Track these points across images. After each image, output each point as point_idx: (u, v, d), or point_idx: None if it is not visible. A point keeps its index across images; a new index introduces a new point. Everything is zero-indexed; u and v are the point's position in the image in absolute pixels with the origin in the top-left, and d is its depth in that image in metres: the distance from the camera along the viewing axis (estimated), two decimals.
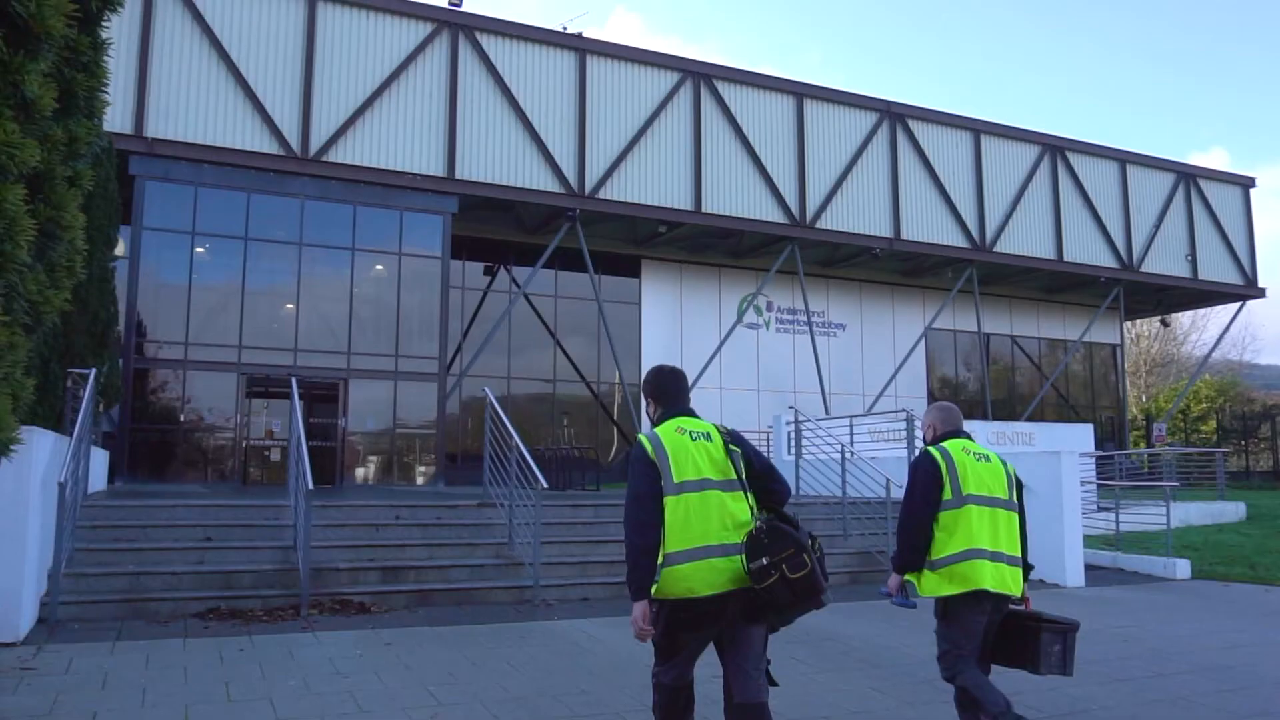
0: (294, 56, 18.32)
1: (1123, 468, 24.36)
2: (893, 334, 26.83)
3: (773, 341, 25.21)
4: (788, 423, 16.36)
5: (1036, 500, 11.67)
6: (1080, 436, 20.28)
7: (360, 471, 18.59)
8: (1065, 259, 26.27)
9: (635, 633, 3.50)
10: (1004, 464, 4.59)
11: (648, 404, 3.94)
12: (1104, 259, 27.02)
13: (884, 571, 10.76)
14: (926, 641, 4.79)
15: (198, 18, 17.63)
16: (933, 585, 4.36)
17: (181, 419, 17.29)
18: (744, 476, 3.60)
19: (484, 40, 19.93)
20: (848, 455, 12.74)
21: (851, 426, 15.33)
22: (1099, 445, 25.93)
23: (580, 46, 20.97)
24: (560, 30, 21.12)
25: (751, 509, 3.57)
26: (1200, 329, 46.73)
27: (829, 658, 6.79)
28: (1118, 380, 31.48)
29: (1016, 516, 4.49)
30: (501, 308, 21.59)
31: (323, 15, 18.60)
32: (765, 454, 4.69)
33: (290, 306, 17.87)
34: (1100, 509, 15.67)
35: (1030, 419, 26.15)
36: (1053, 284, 28.62)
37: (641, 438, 3.68)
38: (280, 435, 18.05)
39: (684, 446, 3.57)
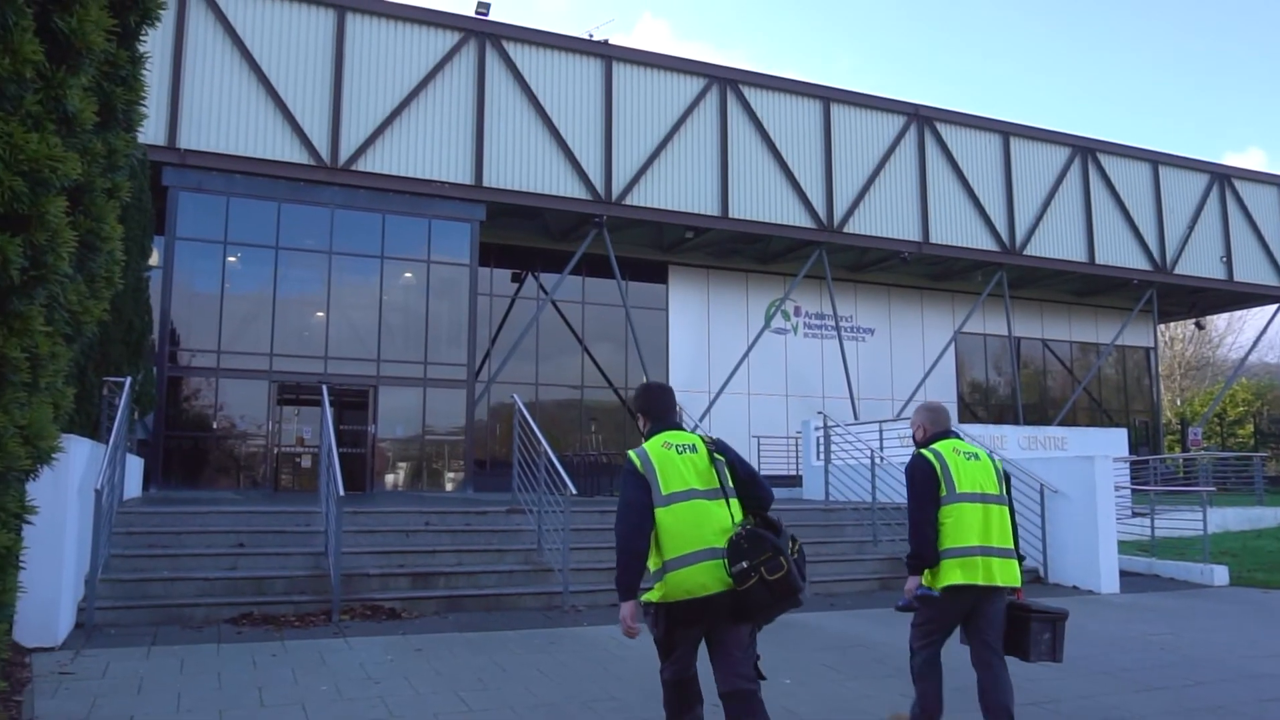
0: (324, 67, 18.52)
1: (1157, 472, 24.02)
2: (922, 338, 26.63)
3: (801, 347, 25.10)
4: (816, 428, 16.28)
5: (1070, 505, 11.56)
6: (1114, 441, 20.01)
7: (390, 478, 18.72)
8: (1097, 261, 25.97)
9: (624, 630, 3.78)
10: (992, 460, 4.81)
11: (639, 419, 4.19)
12: (1136, 261, 26.68)
13: None
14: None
15: (229, 30, 17.87)
16: (927, 577, 4.65)
17: (214, 426, 17.49)
18: (729, 484, 3.86)
19: (510, 49, 20.05)
20: (877, 461, 12.66)
21: (881, 432, 15.24)
22: (1133, 450, 25.60)
23: (606, 53, 21.04)
24: (586, 38, 21.20)
25: (732, 515, 3.80)
26: (1236, 331, 46.07)
27: (859, 664, 6.75)
28: (1151, 384, 31.04)
29: (1007, 510, 4.69)
30: (529, 314, 21.68)
31: (352, 26, 18.80)
32: (794, 460, 5.01)
33: (320, 314, 18.04)
34: (1135, 514, 15.47)
35: (1062, 423, 25.87)
36: (1084, 287, 28.29)
37: (631, 453, 3.93)
38: (311, 442, 18.21)
39: (670, 460, 3.85)
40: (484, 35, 19.81)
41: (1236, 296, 29.84)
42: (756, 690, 3.74)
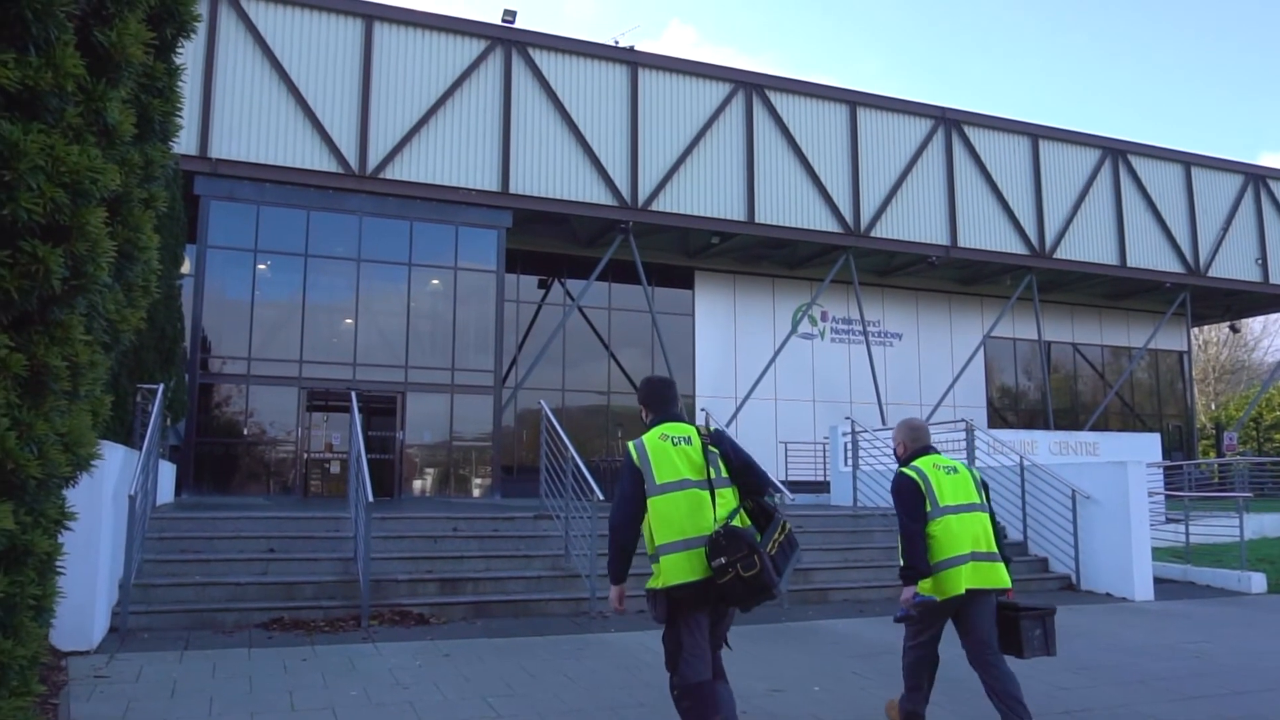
0: (352, 76, 18.70)
1: (1192, 478, 23.65)
2: (950, 343, 26.43)
3: (828, 352, 25.00)
4: (844, 434, 16.19)
5: (1102, 511, 11.41)
6: (1147, 446, 19.79)
7: (417, 484, 18.82)
8: (1128, 264, 25.66)
9: (613, 609, 4.32)
10: (970, 471, 5.10)
11: (642, 411, 4.42)
12: (1169, 264, 26.33)
13: None
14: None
15: (259, 40, 18.09)
16: (928, 586, 4.85)
17: (244, 432, 17.68)
18: (722, 474, 4.07)
19: (537, 56, 20.15)
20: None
21: None
22: (1166, 455, 25.25)
23: (632, 60, 21.09)
24: (612, 44, 21.27)
25: (722, 505, 4.01)
26: (1272, 335, 45.38)
27: (888, 672, 6.68)
28: (1185, 388, 30.61)
29: (988, 517, 4.97)
30: (556, 320, 21.74)
31: (379, 35, 18.97)
32: (822, 465, 5.29)
33: (349, 321, 18.19)
34: (1168, 520, 15.24)
35: (1094, 428, 25.58)
36: (1116, 290, 27.96)
37: (629, 444, 4.18)
38: (339, 448, 18.36)
39: (665, 451, 4.07)
40: (510, 43, 19.92)
41: (1272, 299, 29.34)
42: (718, 651, 4.16)
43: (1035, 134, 25.16)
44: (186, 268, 15.47)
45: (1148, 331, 28.26)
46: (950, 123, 24.09)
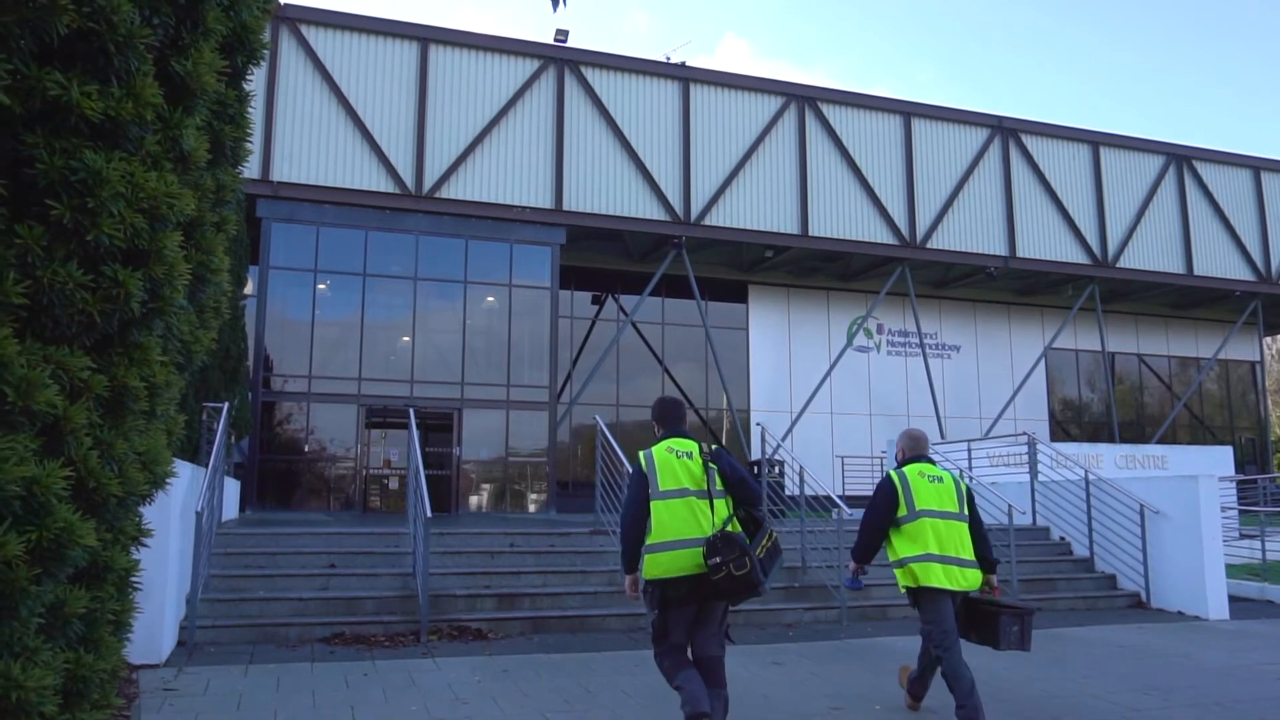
0: (408, 98, 19.05)
1: (1267, 492, 22.88)
2: (1010, 355, 25.96)
3: (884, 364, 24.71)
4: None
5: (1172, 527, 11.08)
6: (1218, 459, 19.21)
7: (474, 499, 18.97)
8: (1195, 273, 25.00)
9: (628, 595, 4.78)
10: (956, 483, 5.68)
11: (654, 426, 5.05)
12: (1239, 271, 25.59)
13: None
14: (1052, 675, 4.63)
15: (318, 65, 18.52)
16: (901, 578, 5.49)
17: (305, 449, 18.00)
18: (717, 486, 4.64)
19: (589, 74, 20.32)
20: (966, 480, 12.34)
21: (969, 451, 14.89)
22: (1239, 468, 24.48)
23: (683, 75, 21.16)
24: (663, 60, 21.37)
25: (718, 513, 4.59)
26: None
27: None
28: (1258, 399, 29.66)
29: (966, 526, 5.52)
30: (610, 336, 21.81)
31: (435, 57, 19.30)
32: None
33: (406, 339, 18.46)
34: (1242, 536, 14.76)
35: (1161, 441, 24.90)
36: (1182, 299, 27.25)
37: (640, 454, 4.77)
38: (397, 464, 18.59)
39: (669, 463, 4.67)
40: (562, 62, 20.13)
41: None
42: (722, 657, 4.68)
43: (1096, 141, 24.69)
44: (249, 289, 15.84)
45: (1217, 341, 27.46)
46: (1007, 131, 23.74)
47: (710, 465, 4.66)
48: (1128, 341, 27.79)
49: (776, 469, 15.07)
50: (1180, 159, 25.47)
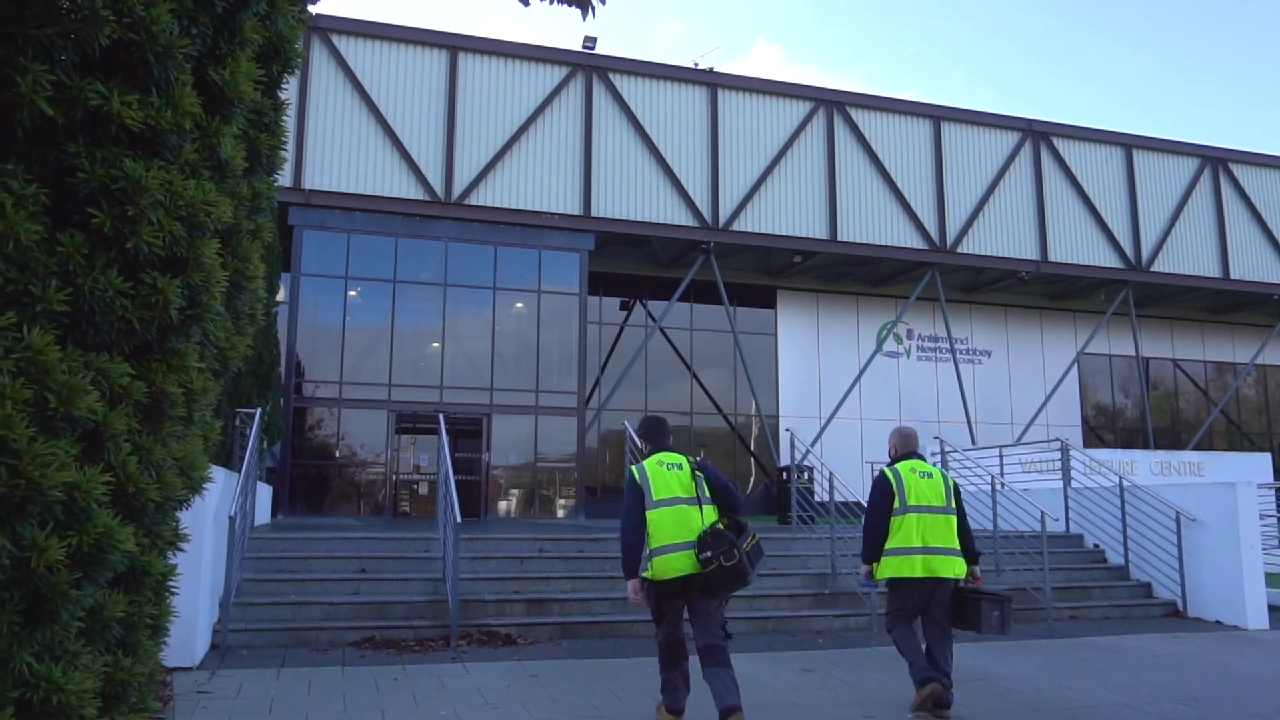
0: (438, 105, 19.19)
1: None
2: (1042, 360, 25.67)
3: (914, 370, 24.52)
4: (933, 454, 15.84)
5: (1209, 535, 10.90)
6: (1257, 466, 18.88)
7: (503, 505, 19.04)
8: (1232, 277, 24.61)
9: (631, 601, 5.28)
10: (943, 478, 6.04)
11: (641, 442, 5.65)
12: (1277, 275, 25.16)
13: (1042, 609, 10.31)
14: (1088, 685, 4.56)
15: (349, 74, 18.70)
16: (881, 568, 5.90)
17: (336, 455, 18.15)
18: (705, 494, 5.21)
19: (617, 80, 20.37)
20: (998, 487, 12.23)
21: (1001, 456, 14.73)
22: (1278, 475, 24.03)
23: (712, 81, 21.16)
24: (692, 66, 21.38)
25: (705, 518, 5.13)
26: None
27: (978, 698, 6.46)
28: None
29: (953, 519, 5.90)
30: (638, 342, 21.81)
31: (464, 65, 19.43)
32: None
33: (436, 345, 18.57)
34: None
35: (1198, 448, 24.49)
36: (1218, 303, 26.82)
37: (632, 468, 5.32)
38: (427, 469, 18.70)
39: (661, 474, 5.23)
40: (591, 69, 20.19)
41: None
42: (724, 644, 5.13)
43: (1129, 144, 24.39)
44: (281, 295, 16.01)
45: (1255, 346, 27.00)
46: (1038, 135, 23.52)
47: (698, 474, 5.24)
48: (1162, 346, 27.39)
49: (806, 475, 14.98)
50: (1215, 161, 25.10)
